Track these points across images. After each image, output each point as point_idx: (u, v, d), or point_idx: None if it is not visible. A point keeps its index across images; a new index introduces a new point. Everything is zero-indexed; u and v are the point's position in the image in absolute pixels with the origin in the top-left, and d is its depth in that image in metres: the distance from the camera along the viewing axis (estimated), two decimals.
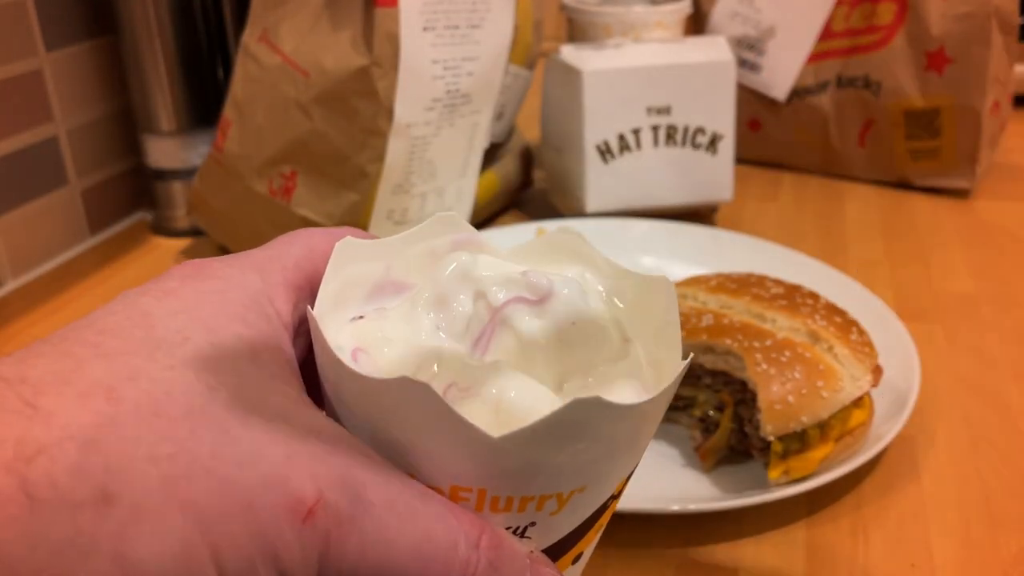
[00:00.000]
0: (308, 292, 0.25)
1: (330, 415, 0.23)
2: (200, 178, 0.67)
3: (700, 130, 0.71)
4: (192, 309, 0.21)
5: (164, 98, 0.71)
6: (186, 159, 0.73)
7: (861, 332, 0.48)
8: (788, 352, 0.45)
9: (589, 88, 0.68)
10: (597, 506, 0.24)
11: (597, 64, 0.68)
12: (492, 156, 0.75)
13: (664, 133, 0.70)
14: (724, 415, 0.46)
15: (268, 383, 0.21)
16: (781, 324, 0.47)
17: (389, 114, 0.58)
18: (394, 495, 0.21)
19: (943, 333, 0.59)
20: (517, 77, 0.73)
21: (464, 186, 0.68)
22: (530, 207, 0.80)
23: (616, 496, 0.25)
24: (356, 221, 0.61)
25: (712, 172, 0.72)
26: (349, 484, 0.20)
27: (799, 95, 0.83)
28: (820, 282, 0.58)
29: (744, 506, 0.42)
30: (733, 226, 0.74)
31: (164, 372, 0.19)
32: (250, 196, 0.63)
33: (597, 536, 0.26)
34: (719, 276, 0.53)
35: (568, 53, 0.70)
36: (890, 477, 0.46)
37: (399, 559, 0.20)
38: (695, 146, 0.71)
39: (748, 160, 0.87)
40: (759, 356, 0.45)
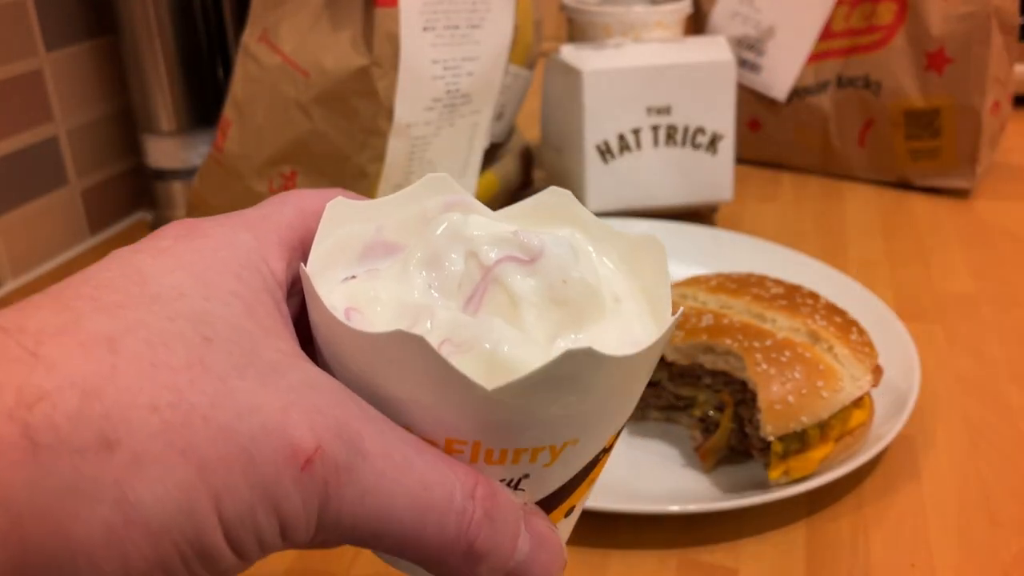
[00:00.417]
0: (301, 252, 0.25)
1: (324, 368, 0.23)
2: (200, 178, 0.67)
3: (700, 130, 0.71)
4: (186, 266, 0.21)
5: (164, 98, 0.71)
6: (186, 159, 0.73)
7: (861, 332, 0.48)
8: (788, 352, 0.45)
9: (589, 88, 0.68)
10: (589, 459, 0.24)
11: (597, 64, 0.68)
12: (492, 156, 0.75)
13: (664, 133, 0.70)
14: (724, 415, 0.46)
15: (263, 338, 0.21)
16: (781, 324, 0.47)
17: (389, 114, 0.58)
18: (390, 446, 0.21)
19: (943, 333, 0.59)
20: (517, 77, 0.73)
21: (464, 186, 0.67)
22: None
23: (608, 449, 0.25)
24: None
25: (712, 172, 0.72)
26: (346, 435, 0.20)
27: (799, 95, 0.83)
28: (820, 282, 0.58)
29: (744, 506, 0.42)
30: (733, 226, 0.74)
31: (162, 324, 0.19)
32: (250, 196, 0.63)
33: (589, 490, 0.26)
34: (719, 276, 0.53)
35: (568, 53, 0.70)
36: (890, 477, 0.46)
37: (396, 509, 0.21)
38: (695, 146, 0.71)
39: (748, 160, 0.87)
40: (759, 356, 0.45)
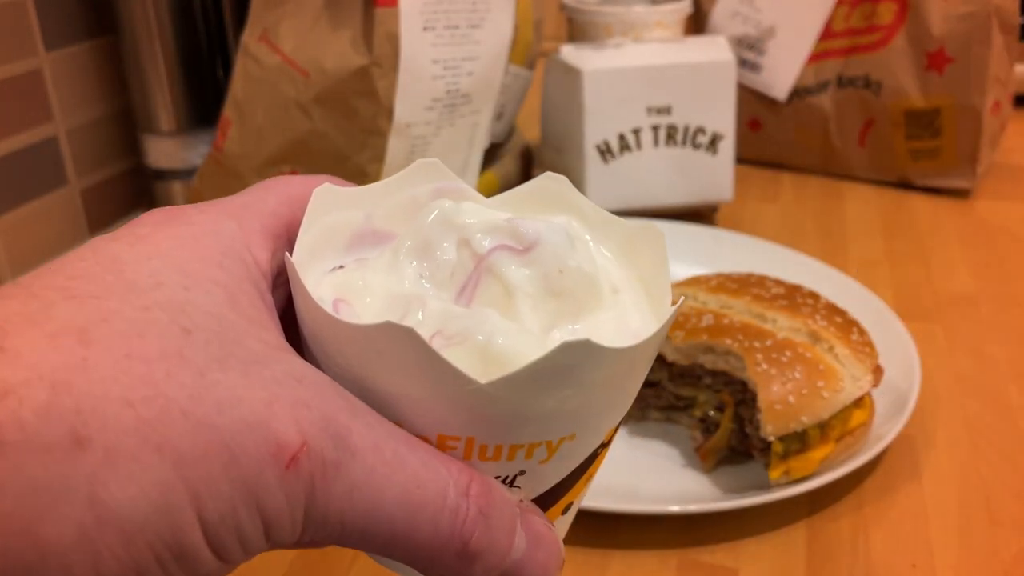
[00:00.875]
0: (286, 240, 0.24)
1: (311, 362, 0.22)
2: (200, 178, 0.67)
3: (700, 130, 0.71)
4: (165, 254, 0.21)
5: (164, 98, 0.71)
6: (186, 159, 0.73)
7: (861, 332, 0.48)
8: (788, 352, 0.45)
9: (589, 88, 0.68)
10: (587, 454, 0.24)
11: (597, 64, 0.68)
12: (492, 156, 0.75)
13: (664, 133, 0.70)
14: (724, 415, 0.46)
15: (246, 328, 0.20)
16: (781, 324, 0.47)
17: (389, 114, 0.58)
18: (380, 441, 0.20)
19: (943, 333, 0.59)
20: (517, 77, 0.73)
21: None
22: None
23: (606, 444, 0.24)
24: None
25: (712, 172, 0.72)
26: (334, 429, 0.19)
27: (799, 95, 0.83)
28: (820, 282, 0.58)
29: (744, 506, 0.42)
30: (733, 226, 0.74)
31: (137, 314, 0.18)
32: None
33: (587, 486, 0.26)
34: (719, 276, 0.53)
35: (568, 53, 0.70)
36: (890, 477, 0.46)
37: (387, 506, 0.20)
38: (695, 146, 0.71)
39: (748, 160, 0.87)
40: (759, 356, 0.45)
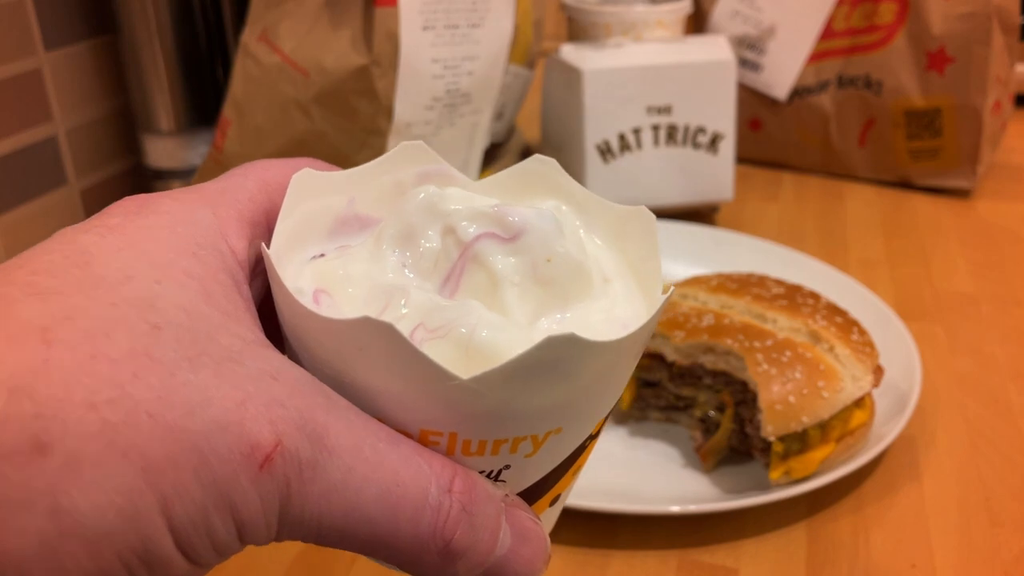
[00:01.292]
0: (265, 227, 0.23)
1: (291, 359, 0.22)
2: (200, 178, 0.67)
3: (701, 130, 0.71)
4: (136, 245, 0.20)
5: (164, 98, 0.70)
6: (186, 159, 0.73)
7: (862, 332, 0.48)
8: (789, 352, 0.45)
9: (589, 88, 0.68)
10: (575, 447, 0.23)
11: (597, 64, 0.68)
12: (492, 156, 0.75)
13: (664, 133, 0.70)
14: (725, 415, 0.46)
15: (220, 322, 0.19)
16: (782, 324, 0.47)
17: (389, 113, 0.58)
18: (359, 439, 0.20)
19: (943, 333, 0.59)
20: (517, 77, 0.73)
21: None
22: None
23: (594, 436, 0.24)
24: None
25: (712, 172, 0.72)
26: (310, 428, 0.19)
27: (800, 95, 0.83)
28: (820, 282, 0.58)
29: (744, 506, 0.42)
30: (733, 226, 0.74)
31: (103, 310, 0.18)
32: None
33: (575, 478, 0.25)
34: (719, 276, 0.53)
35: (568, 53, 0.70)
36: (891, 477, 0.46)
37: (366, 506, 0.19)
38: (695, 146, 0.71)
39: (748, 160, 0.87)
40: (760, 356, 0.45)
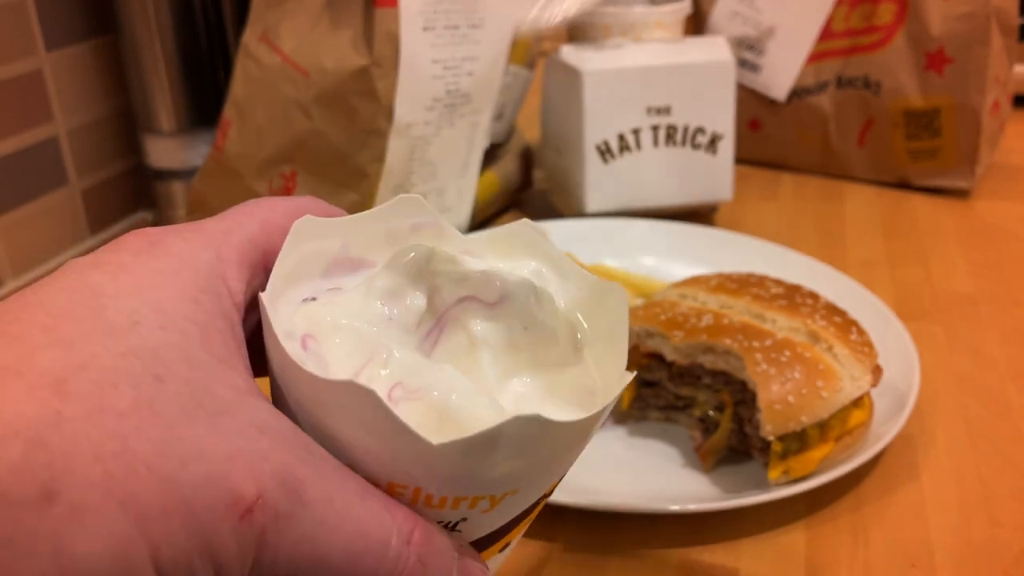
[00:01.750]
0: (263, 268, 0.24)
1: (275, 398, 0.24)
2: (200, 178, 0.67)
3: (700, 130, 0.71)
4: (145, 289, 0.21)
5: (164, 98, 0.71)
6: (186, 159, 0.73)
7: (861, 332, 0.48)
8: (788, 352, 0.45)
9: (589, 88, 0.68)
10: (528, 504, 0.25)
11: (597, 64, 0.68)
12: (492, 156, 0.75)
13: (664, 133, 0.70)
14: (724, 415, 0.46)
15: (216, 371, 0.21)
16: (781, 324, 0.47)
17: (389, 114, 0.58)
18: (333, 492, 0.21)
19: (943, 333, 0.59)
20: (517, 77, 0.73)
21: (464, 186, 0.68)
22: (530, 207, 0.80)
23: (548, 494, 0.26)
24: None
25: (712, 172, 0.72)
26: (289, 482, 0.20)
27: (799, 95, 0.83)
28: (820, 282, 0.58)
29: (744, 506, 0.42)
30: (733, 226, 0.74)
31: (114, 360, 0.19)
32: (250, 196, 0.62)
33: (526, 527, 0.27)
34: (719, 276, 0.53)
35: (568, 53, 0.70)
36: (890, 477, 0.46)
37: (332, 555, 0.21)
38: (695, 146, 0.71)
39: (748, 160, 0.87)
40: (759, 356, 0.45)
